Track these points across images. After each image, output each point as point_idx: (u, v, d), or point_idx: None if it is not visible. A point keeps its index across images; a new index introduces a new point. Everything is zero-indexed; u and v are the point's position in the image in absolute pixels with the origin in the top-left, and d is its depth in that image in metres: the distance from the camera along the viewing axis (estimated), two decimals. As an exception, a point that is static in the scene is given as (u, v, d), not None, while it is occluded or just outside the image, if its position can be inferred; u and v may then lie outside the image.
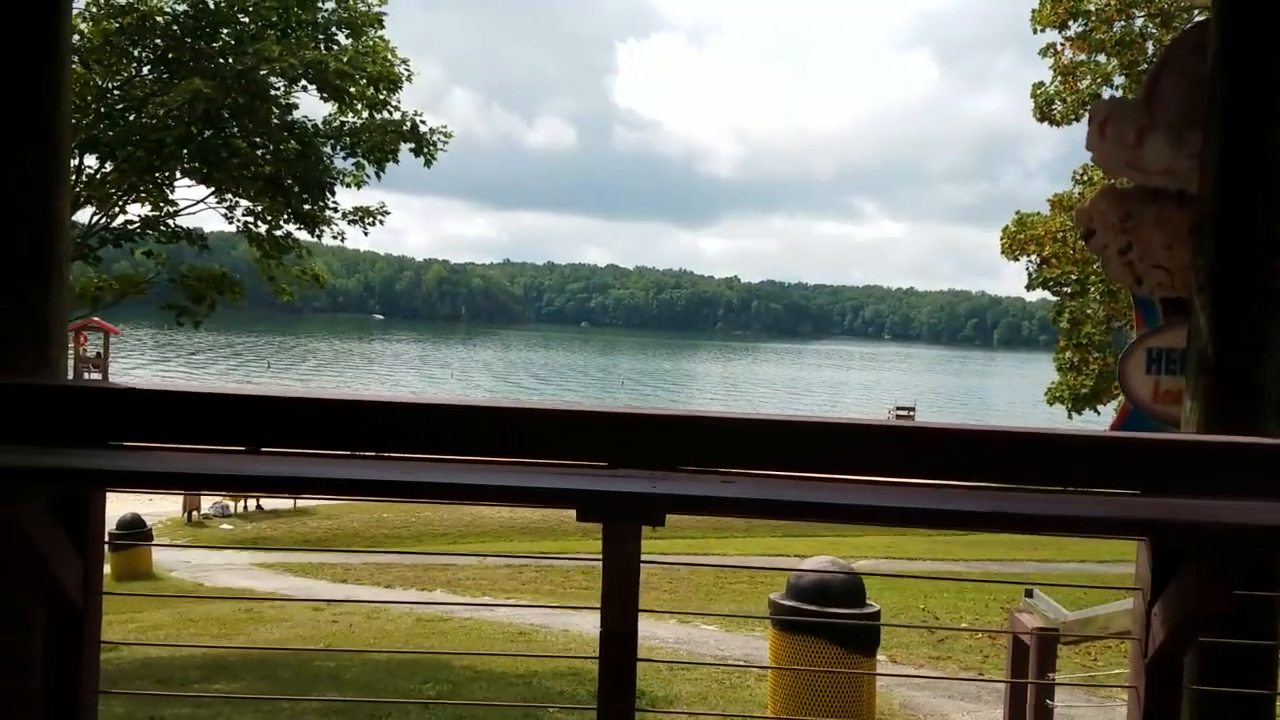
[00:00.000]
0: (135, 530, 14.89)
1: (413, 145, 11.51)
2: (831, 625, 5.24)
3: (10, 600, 2.37)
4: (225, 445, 2.14)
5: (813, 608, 5.33)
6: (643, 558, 2.17)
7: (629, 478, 2.01)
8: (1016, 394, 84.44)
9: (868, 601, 5.58)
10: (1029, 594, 5.19)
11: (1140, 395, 2.71)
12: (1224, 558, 1.94)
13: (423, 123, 11.67)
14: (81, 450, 2.05)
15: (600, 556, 2.14)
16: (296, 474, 1.99)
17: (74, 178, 11.12)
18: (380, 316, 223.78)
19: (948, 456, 2.16)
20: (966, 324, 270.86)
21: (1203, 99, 2.44)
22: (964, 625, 11.45)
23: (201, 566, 17.14)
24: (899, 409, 47.80)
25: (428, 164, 11.62)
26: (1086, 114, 11.20)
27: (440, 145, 11.66)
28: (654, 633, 9.26)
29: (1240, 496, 2.07)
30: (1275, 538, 1.86)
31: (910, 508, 2.00)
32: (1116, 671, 7.50)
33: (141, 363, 74.41)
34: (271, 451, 2.14)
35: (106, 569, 13.58)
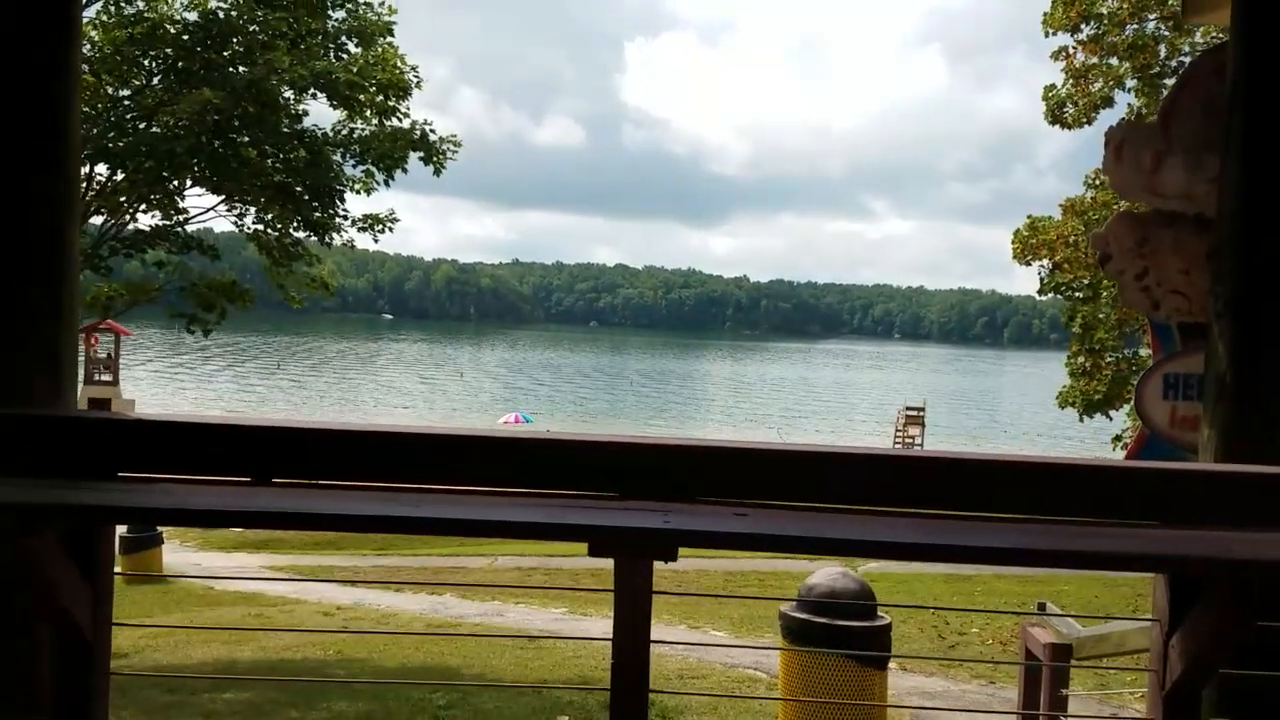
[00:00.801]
0: (147, 533, 14.94)
1: (422, 154, 11.54)
2: (844, 640, 5.21)
3: (21, 632, 2.37)
4: (234, 475, 2.14)
5: (823, 621, 5.31)
6: (654, 588, 2.16)
7: (640, 511, 2.00)
8: (1027, 394, 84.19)
9: (879, 613, 5.56)
10: (1041, 608, 5.15)
11: (1157, 421, 2.69)
12: (1243, 592, 1.92)
13: (432, 131, 11.70)
14: (91, 484, 2.04)
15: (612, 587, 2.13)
16: (307, 509, 1.98)
17: (84, 186, 11.16)
18: (389, 316, 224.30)
19: (964, 487, 2.14)
20: (977, 323, 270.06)
21: (1220, 123, 2.42)
22: (974, 630, 11.41)
23: (212, 569, 17.19)
24: (909, 409, 47.64)
25: (437, 173, 11.64)
26: (1098, 117, 11.11)
27: (450, 154, 11.69)
28: (663, 636, 9.24)
29: (1261, 528, 2.04)
30: (1296, 573, 1.83)
31: (926, 544, 1.98)
32: (1130, 681, 7.46)
33: (149, 358, 74.73)
34: (281, 482, 2.13)
35: (118, 572, 13.68)
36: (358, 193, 11.71)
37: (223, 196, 11.60)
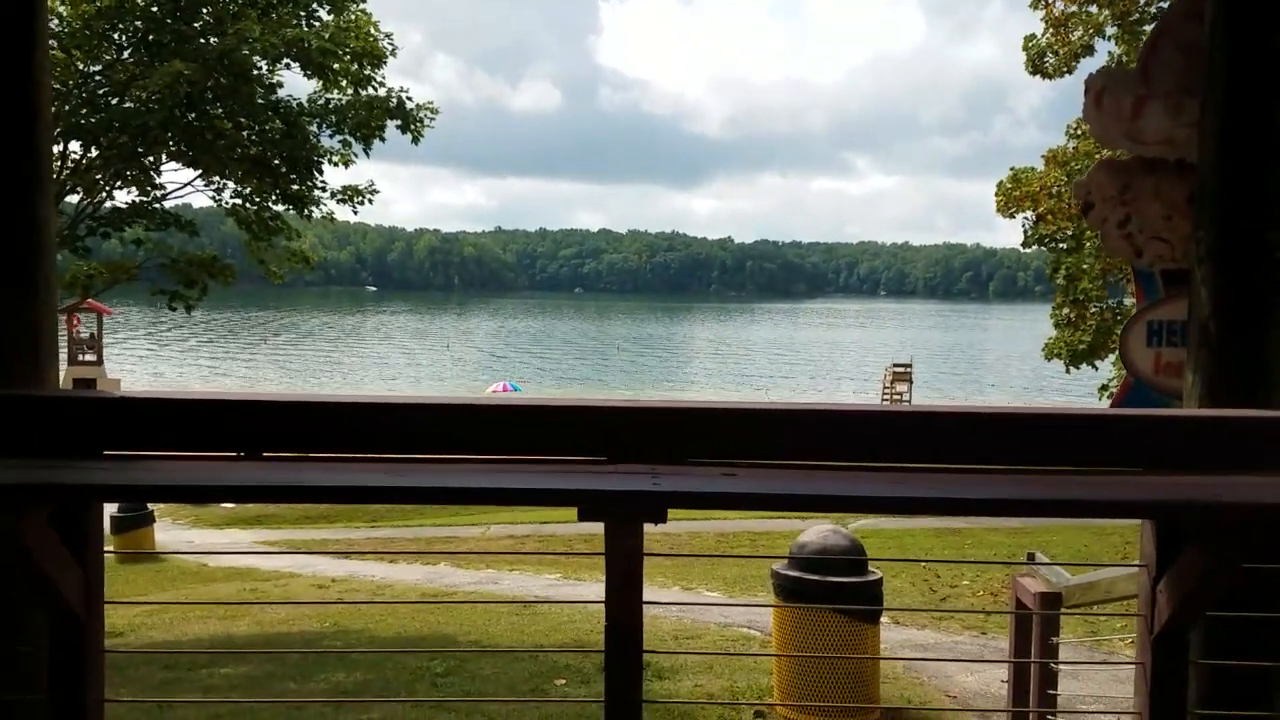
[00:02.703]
0: (138, 512, 14.94)
1: (399, 122, 11.42)
2: (835, 594, 5.27)
3: (13, 612, 2.36)
4: (224, 451, 2.13)
5: (815, 578, 5.36)
6: (646, 550, 2.17)
7: (629, 474, 2.00)
8: (1013, 347, 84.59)
9: (870, 569, 5.61)
10: (1030, 558, 5.21)
11: (1142, 368, 2.70)
12: (1228, 536, 1.94)
13: (409, 99, 11.56)
14: (79, 462, 2.03)
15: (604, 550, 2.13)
16: (297, 482, 1.97)
17: (58, 165, 11.02)
18: (373, 288, 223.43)
19: (949, 439, 2.15)
20: (962, 277, 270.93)
21: (1200, 67, 2.41)
22: (965, 583, 11.54)
23: (204, 545, 17.21)
24: (896, 366, 47.88)
25: (415, 141, 11.52)
26: (1078, 66, 11.07)
27: (427, 121, 11.56)
28: (657, 598, 9.30)
29: (1244, 471, 2.06)
30: (1278, 515, 1.85)
31: (915, 497, 1.99)
32: (1119, 627, 7.57)
33: (133, 337, 74.31)
34: (271, 456, 2.13)
35: (110, 550, 13.66)
36: (335, 165, 11.60)
37: (199, 171, 11.47)
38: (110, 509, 14.45)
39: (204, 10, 10.57)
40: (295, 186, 11.26)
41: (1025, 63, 14.53)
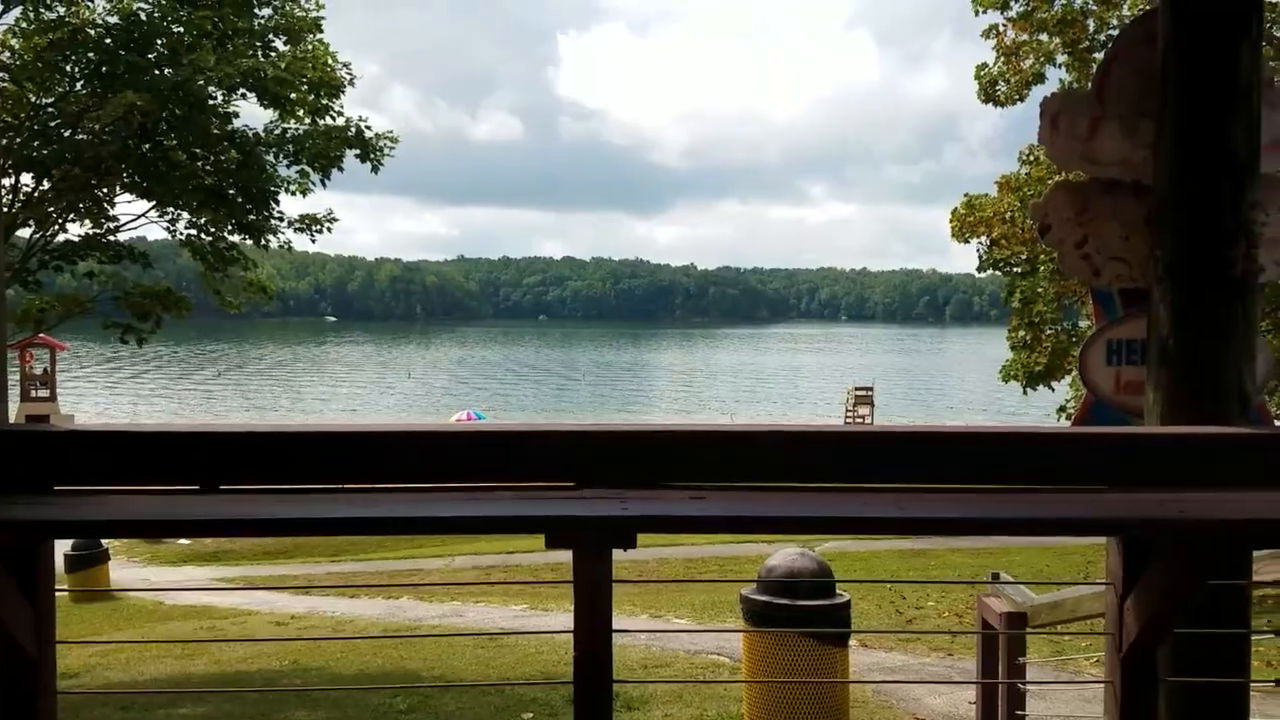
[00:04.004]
0: (92, 550, 14.59)
1: (358, 152, 11.36)
2: (804, 619, 5.24)
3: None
4: (179, 484, 2.07)
5: (784, 602, 5.34)
6: (614, 577, 2.14)
7: (597, 499, 1.98)
8: (970, 370, 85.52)
9: (838, 591, 5.60)
10: (995, 578, 5.22)
11: (1102, 387, 2.72)
12: (1193, 552, 1.95)
13: (368, 128, 11.51)
14: (28, 498, 1.97)
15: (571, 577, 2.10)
16: (255, 514, 1.92)
17: (9, 198, 10.83)
18: (333, 319, 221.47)
19: (913, 459, 2.15)
20: (919, 302, 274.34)
21: (1154, 89, 2.45)
22: (931, 604, 11.57)
23: (161, 583, 16.84)
24: (858, 389, 48.33)
25: (375, 170, 11.47)
26: (1030, 93, 11.27)
27: (387, 150, 11.52)
28: (626, 626, 9.22)
29: (1206, 488, 2.08)
30: (1243, 530, 1.86)
31: (881, 517, 1.98)
32: (1085, 646, 7.61)
33: (87, 373, 73.04)
34: (229, 490, 2.08)
35: (64, 589, 13.34)
36: (293, 194, 11.49)
37: (154, 202, 11.32)
38: (63, 547, 14.11)
39: (158, 41, 10.47)
40: (251, 216, 11.15)
41: (978, 91, 14.77)
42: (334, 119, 11.39)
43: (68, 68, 10.62)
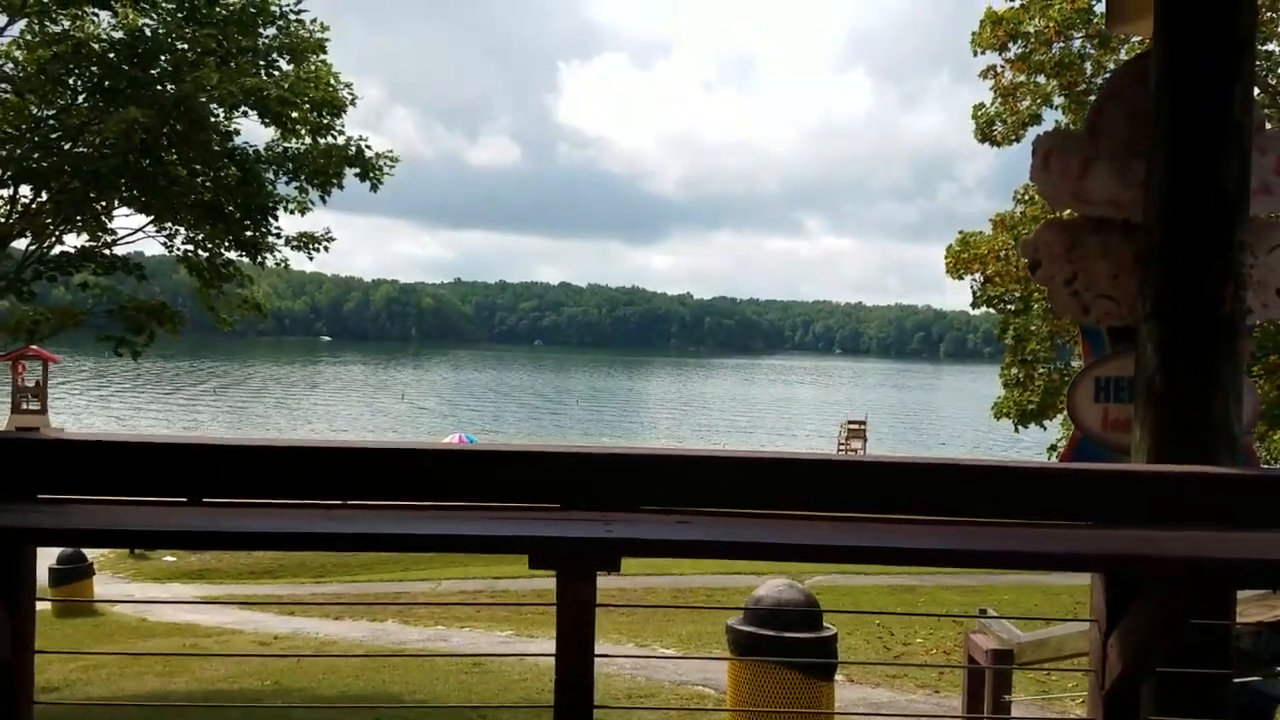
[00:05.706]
0: (76, 565, 14.50)
1: (358, 170, 11.40)
2: (790, 651, 5.22)
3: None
4: (164, 496, 2.07)
5: (770, 633, 5.31)
6: (598, 600, 2.13)
7: (582, 521, 1.98)
8: (963, 407, 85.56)
9: (824, 624, 5.57)
10: (983, 613, 5.21)
11: (1090, 424, 2.73)
12: (1178, 591, 1.95)
13: (368, 147, 11.55)
14: (10, 505, 1.96)
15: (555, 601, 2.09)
16: (240, 528, 1.92)
17: (7, 208, 10.84)
18: (328, 338, 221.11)
19: (902, 490, 2.15)
20: (914, 338, 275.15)
21: (1146, 130, 2.47)
22: (919, 640, 11.52)
23: (144, 600, 16.70)
24: (851, 423, 48.45)
25: (374, 189, 11.50)
26: (1026, 134, 11.43)
27: (386, 169, 11.57)
28: (610, 652, 9.17)
29: (1192, 526, 2.08)
30: (1228, 570, 1.87)
31: (867, 547, 1.98)
32: (1070, 686, 7.57)
33: (80, 386, 72.75)
34: (212, 502, 2.07)
35: (47, 605, 13.22)
36: (291, 212, 11.51)
37: (151, 217, 11.33)
38: (48, 561, 14.01)
39: (162, 58, 10.51)
40: (249, 232, 11.16)
41: (974, 130, 14.91)
42: (335, 138, 11.44)
43: (70, 81, 10.65)
